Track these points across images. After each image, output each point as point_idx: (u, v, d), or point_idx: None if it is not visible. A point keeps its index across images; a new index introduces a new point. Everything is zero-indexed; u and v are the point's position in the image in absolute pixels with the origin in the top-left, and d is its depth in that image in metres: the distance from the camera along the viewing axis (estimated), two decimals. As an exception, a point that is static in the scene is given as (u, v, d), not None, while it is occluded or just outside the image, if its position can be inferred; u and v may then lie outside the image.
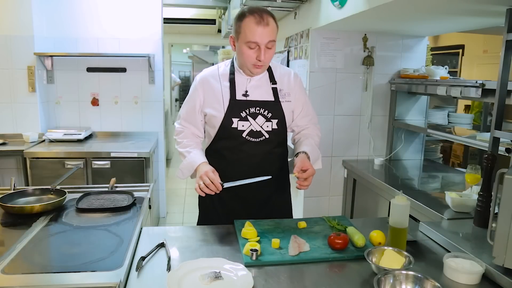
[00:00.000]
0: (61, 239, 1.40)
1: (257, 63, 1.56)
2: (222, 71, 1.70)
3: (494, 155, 1.63)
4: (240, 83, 1.67)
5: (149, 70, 3.78)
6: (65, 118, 3.77)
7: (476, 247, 1.39)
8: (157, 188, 4.01)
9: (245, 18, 1.52)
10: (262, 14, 1.51)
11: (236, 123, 1.62)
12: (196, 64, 14.18)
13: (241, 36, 1.54)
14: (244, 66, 1.61)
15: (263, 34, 1.50)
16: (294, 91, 1.73)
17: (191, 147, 1.67)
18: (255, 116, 1.64)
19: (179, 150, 1.70)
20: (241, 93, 1.65)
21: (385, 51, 3.02)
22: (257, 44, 1.52)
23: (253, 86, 1.67)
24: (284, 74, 1.75)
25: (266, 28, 1.50)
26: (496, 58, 1.86)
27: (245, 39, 1.52)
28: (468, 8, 2.01)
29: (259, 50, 1.53)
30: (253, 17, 1.50)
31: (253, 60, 1.56)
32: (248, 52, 1.55)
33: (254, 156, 1.67)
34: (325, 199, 3.15)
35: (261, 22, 1.50)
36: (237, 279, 1.15)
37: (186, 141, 1.70)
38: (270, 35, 1.52)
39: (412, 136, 3.12)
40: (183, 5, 5.17)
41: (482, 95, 2.05)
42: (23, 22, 3.33)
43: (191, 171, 1.63)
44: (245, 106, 1.64)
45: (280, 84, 1.71)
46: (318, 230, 1.54)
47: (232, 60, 1.72)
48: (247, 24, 1.51)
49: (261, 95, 1.67)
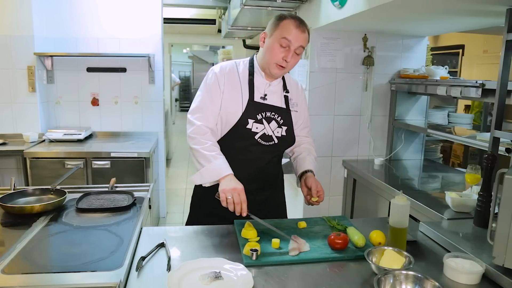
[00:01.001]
0: (61, 239, 1.40)
1: (282, 63, 1.57)
2: (241, 69, 1.68)
3: (494, 155, 1.63)
4: (260, 85, 1.67)
5: (149, 70, 3.78)
6: (65, 118, 3.77)
7: (476, 247, 1.39)
8: (157, 188, 4.02)
9: (286, 19, 1.57)
10: (302, 21, 1.58)
11: (251, 124, 1.62)
12: (196, 64, 14.19)
13: (276, 32, 1.56)
14: (268, 64, 1.60)
15: (299, 36, 1.55)
16: (300, 101, 1.78)
17: (217, 153, 1.54)
18: (269, 120, 1.65)
19: (203, 152, 1.53)
20: (260, 96, 1.65)
21: (385, 51, 3.02)
22: (289, 44, 1.54)
23: (271, 91, 1.68)
24: (293, 84, 1.79)
25: (303, 34, 1.56)
26: (496, 58, 1.86)
27: (281, 35, 1.54)
28: (468, 8, 2.01)
29: (289, 51, 1.56)
30: (294, 21, 1.56)
31: (279, 59, 1.57)
32: (278, 50, 1.56)
33: (261, 159, 1.68)
34: (325, 199, 3.12)
35: (300, 26, 1.56)
36: (237, 279, 1.15)
37: (211, 144, 1.56)
38: (304, 41, 1.57)
39: (412, 136, 3.12)
40: (183, 5, 5.16)
41: (482, 95, 2.05)
42: (23, 22, 3.33)
43: (215, 178, 1.52)
44: (262, 109, 1.64)
45: (290, 93, 1.74)
46: (318, 230, 1.54)
47: (252, 60, 1.70)
48: (287, 24, 1.55)
49: (276, 101, 1.69)
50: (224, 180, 1.49)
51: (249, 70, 1.68)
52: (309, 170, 1.71)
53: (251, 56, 1.72)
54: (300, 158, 1.78)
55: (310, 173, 1.70)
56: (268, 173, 1.74)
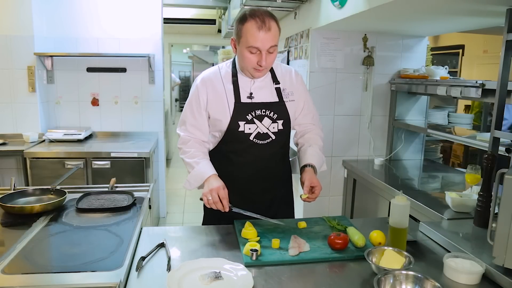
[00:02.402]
0: (61, 239, 1.40)
1: (258, 68, 1.55)
2: (224, 73, 1.67)
3: (494, 155, 1.63)
4: (244, 85, 1.64)
5: (149, 70, 3.78)
6: (65, 118, 3.77)
7: (476, 247, 1.39)
8: (157, 188, 4.01)
9: (246, 22, 1.48)
10: (264, 18, 1.47)
11: (243, 126, 1.60)
12: (196, 64, 14.18)
13: (242, 40, 1.51)
14: (245, 69, 1.60)
15: (265, 39, 1.47)
16: (297, 89, 1.72)
17: (199, 157, 1.60)
18: (261, 118, 1.62)
19: (186, 160, 1.62)
20: (246, 96, 1.63)
21: (385, 51, 3.02)
22: (259, 49, 1.50)
23: (257, 87, 1.65)
24: (285, 72, 1.73)
25: (268, 34, 1.47)
26: (496, 58, 1.86)
27: (246, 44, 1.49)
28: (468, 8, 2.01)
29: (260, 55, 1.51)
30: (255, 22, 1.46)
31: (254, 64, 1.54)
32: (249, 57, 1.52)
33: (261, 158, 1.65)
34: (325, 199, 3.15)
35: (262, 27, 1.46)
36: (237, 279, 1.15)
37: (193, 151, 1.62)
38: (272, 40, 1.50)
39: (412, 136, 3.12)
40: (183, 5, 5.17)
41: (482, 95, 2.05)
42: (23, 22, 3.33)
43: (200, 182, 1.57)
44: (251, 109, 1.61)
45: (283, 83, 1.69)
46: (318, 230, 1.54)
47: (234, 60, 1.69)
48: (248, 29, 1.47)
49: (265, 97, 1.65)
50: (207, 182, 1.54)
51: (232, 71, 1.66)
52: (308, 165, 1.65)
53: (234, 57, 1.70)
54: (301, 151, 1.73)
55: (307, 168, 1.63)
56: (272, 172, 1.70)
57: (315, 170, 1.64)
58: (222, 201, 1.48)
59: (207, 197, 1.49)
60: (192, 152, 1.62)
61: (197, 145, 1.66)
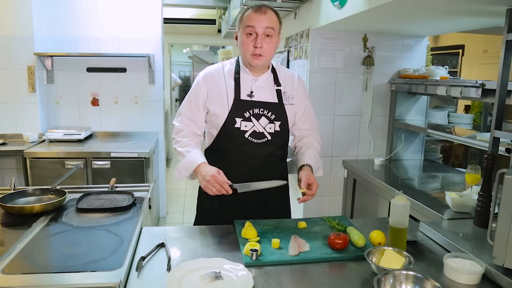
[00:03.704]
0: (61, 239, 1.40)
1: (255, 52, 1.57)
2: (227, 70, 1.70)
3: (494, 155, 1.63)
4: (246, 83, 1.66)
5: (149, 70, 3.78)
6: (65, 118, 3.78)
7: (476, 247, 1.39)
8: (157, 188, 4.02)
9: (246, 11, 1.60)
10: (264, 6, 1.59)
11: (239, 123, 1.61)
12: (196, 64, 14.18)
13: (241, 26, 1.60)
14: (245, 58, 1.62)
15: (260, 19, 1.55)
16: (298, 94, 1.74)
17: (191, 147, 1.63)
18: (258, 117, 1.63)
19: (178, 149, 1.66)
20: (246, 93, 1.65)
21: (385, 51, 3.02)
22: (254, 30, 1.56)
23: (259, 86, 1.67)
24: (288, 76, 1.76)
25: (263, 16, 1.56)
26: (496, 58, 1.86)
27: (244, 25, 1.58)
28: (468, 8, 2.01)
29: (256, 37, 1.56)
30: (253, 8, 1.59)
31: (251, 49, 1.58)
32: (246, 40, 1.58)
33: (255, 158, 1.66)
34: (325, 199, 3.15)
35: (259, 10, 1.57)
36: (237, 279, 1.15)
37: (186, 140, 1.66)
38: (268, 22, 1.57)
39: (412, 136, 3.12)
40: (183, 5, 5.17)
41: (482, 95, 2.05)
42: (23, 22, 3.33)
43: (190, 171, 1.60)
44: (249, 107, 1.63)
45: (284, 86, 1.71)
46: (318, 230, 1.54)
47: (238, 58, 1.72)
48: (247, 13, 1.59)
49: (265, 97, 1.67)
50: (199, 171, 1.56)
51: (235, 68, 1.69)
52: (306, 164, 1.66)
53: (238, 56, 1.73)
54: (299, 153, 1.74)
55: (305, 167, 1.64)
56: (266, 172, 1.68)
57: (312, 171, 1.66)
58: (223, 186, 1.49)
59: (210, 189, 1.51)
60: (185, 141, 1.66)
61: (190, 134, 1.69)
